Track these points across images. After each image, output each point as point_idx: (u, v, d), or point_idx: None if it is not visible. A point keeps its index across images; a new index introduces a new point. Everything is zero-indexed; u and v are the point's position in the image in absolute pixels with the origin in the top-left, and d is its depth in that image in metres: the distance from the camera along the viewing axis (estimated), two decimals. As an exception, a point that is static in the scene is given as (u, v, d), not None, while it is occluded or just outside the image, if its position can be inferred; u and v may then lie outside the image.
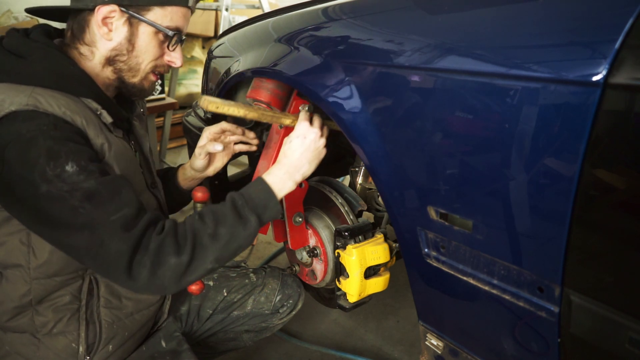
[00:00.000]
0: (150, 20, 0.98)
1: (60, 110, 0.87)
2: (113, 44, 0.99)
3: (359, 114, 0.96)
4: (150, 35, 1.00)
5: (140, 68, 1.03)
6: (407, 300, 2.00)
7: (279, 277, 1.43)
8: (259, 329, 1.42)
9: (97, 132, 0.92)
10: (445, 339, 0.98)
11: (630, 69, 0.57)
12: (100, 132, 0.93)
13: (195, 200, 1.17)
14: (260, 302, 1.38)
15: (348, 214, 1.24)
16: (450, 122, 0.79)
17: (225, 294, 1.35)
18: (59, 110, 0.87)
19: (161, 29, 1.00)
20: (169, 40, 1.03)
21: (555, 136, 0.65)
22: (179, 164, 1.44)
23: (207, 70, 1.64)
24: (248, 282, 1.40)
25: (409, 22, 0.91)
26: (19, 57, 0.91)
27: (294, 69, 1.11)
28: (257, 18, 1.47)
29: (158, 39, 1.02)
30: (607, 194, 0.64)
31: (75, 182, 0.83)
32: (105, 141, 0.94)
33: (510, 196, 0.73)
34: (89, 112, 0.94)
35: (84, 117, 0.90)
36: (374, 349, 1.73)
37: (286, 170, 1.06)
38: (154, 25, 0.99)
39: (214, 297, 1.34)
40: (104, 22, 0.96)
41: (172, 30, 1.01)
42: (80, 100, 0.94)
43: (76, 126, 0.89)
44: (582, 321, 0.69)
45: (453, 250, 0.86)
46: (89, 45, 0.99)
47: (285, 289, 1.41)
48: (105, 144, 0.94)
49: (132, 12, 0.97)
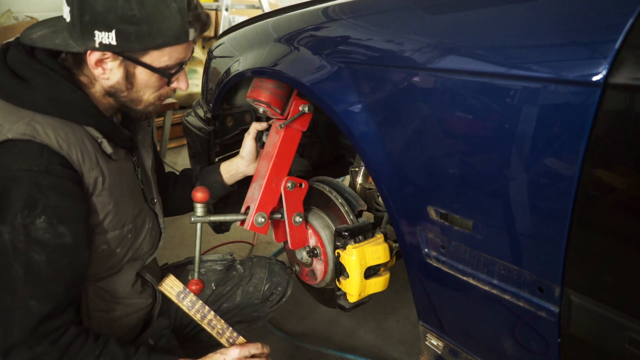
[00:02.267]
0: (147, 63, 0.94)
1: (56, 144, 0.87)
2: (110, 83, 0.96)
3: (359, 114, 0.96)
4: (149, 74, 0.96)
5: (142, 100, 1.01)
6: (407, 300, 1.99)
7: (265, 266, 1.43)
8: (251, 319, 1.42)
9: (92, 165, 0.93)
10: (445, 339, 0.98)
11: (630, 69, 0.56)
12: (95, 165, 0.93)
13: (195, 200, 1.17)
14: (249, 292, 1.38)
15: (348, 214, 1.24)
16: (451, 122, 0.79)
17: (214, 287, 1.36)
18: (55, 144, 0.86)
19: (158, 71, 0.96)
20: (169, 78, 1.00)
21: (556, 136, 0.65)
22: (179, 164, 1.44)
23: (207, 70, 1.64)
24: (235, 274, 1.40)
25: (409, 22, 0.91)
26: (21, 80, 0.89)
27: (294, 69, 1.11)
28: (257, 18, 1.47)
29: (158, 75, 0.98)
30: (607, 194, 0.64)
31: (34, 239, 0.84)
32: (99, 174, 0.94)
33: (511, 196, 0.73)
34: (89, 142, 0.93)
35: (80, 150, 0.90)
36: (374, 349, 1.73)
37: None
38: (150, 68, 0.95)
39: (202, 292, 1.32)
40: (98, 64, 0.92)
41: (172, 67, 0.98)
42: (81, 127, 0.93)
43: (69, 164, 0.89)
44: (582, 321, 0.69)
45: (453, 250, 0.86)
46: (87, 76, 0.97)
47: (273, 277, 1.41)
48: (100, 177, 0.94)
49: (125, 55, 0.92)
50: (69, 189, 0.89)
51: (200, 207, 1.19)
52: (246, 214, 1.26)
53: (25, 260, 0.84)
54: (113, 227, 1.01)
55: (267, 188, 1.24)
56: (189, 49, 1.00)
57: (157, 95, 1.03)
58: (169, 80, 1.01)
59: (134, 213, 1.07)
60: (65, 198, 0.88)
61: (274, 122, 1.29)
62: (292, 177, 1.25)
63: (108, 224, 0.99)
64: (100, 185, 0.95)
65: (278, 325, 1.83)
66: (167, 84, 1.02)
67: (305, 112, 1.21)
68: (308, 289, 1.55)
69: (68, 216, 0.89)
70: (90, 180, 0.93)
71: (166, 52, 0.94)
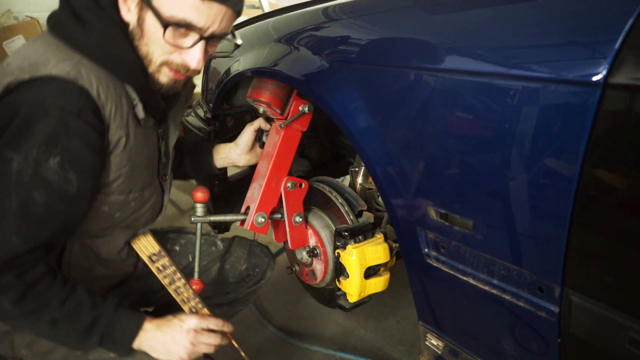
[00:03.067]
0: (155, 7, 0.87)
1: (96, 92, 0.86)
2: (131, 26, 0.92)
3: (359, 114, 0.96)
4: (156, 24, 0.89)
5: (151, 59, 0.94)
6: (407, 300, 1.99)
7: (246, 246, 1.41)
8: (228, 301, 1.37)
9: (121, 124, 0.91)
10: (445, 339, 0.98)
11: (630, 69, 0.57)
12: (124, 125, 0.92)
13: (195, 200, 1.17)
14: (225, 269, 1.35)
15: (348, 214, 1.24)
16: (451, 122, 0.79)
17: (191, 259, 1.32)
18: (95, 92, 0.85)
19: (158, 16, 0.88)
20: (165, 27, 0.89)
21: (556, 136, 0.65)
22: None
23: (207, 70, 1.64)
24: (215, 249, 1.37)
25: (409, 22, 0.91)
26: (79, 20, 0.88)
27: (294, 69, 1.11)
28: (257, 18, 1.47)
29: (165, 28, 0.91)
30: (607, 194, 0.64)
31: (41, 178, 0.83)
32: (124, 135, 0.93)
33: (511, 196, 0.73)
34: (125, 100, 0.92)
35: (115, 105, 0.89)
36: (374, 349, 1.73)
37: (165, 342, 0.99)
38: (155, 13, 0.88)
39: (179, 262, 1.30)
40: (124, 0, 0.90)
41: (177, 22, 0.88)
42: (122, 85, 0.91)
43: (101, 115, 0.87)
44: (582, 321, 0.69)
45: (453, 250, 0.86)
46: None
47: (252, 258, 1.38)
48: (124, 138, 0.93)
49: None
50: (93, 140, 0.88)
51: (200, 207, 1.19)
52: (246, 214, 1.26)
53: (24, 194, 0.83)
54: (120, 191, 0.99)
55: (267, 188, 1.24)
56: (203, 13, 0.88)
57: (164, 60, 0.94)
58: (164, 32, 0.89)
59: (144, 183, 1.06)
60: (85, 147, 0.86)
61: (274, 122, 1.29)
62: (292, 177, 1.25)
63: (116, 187, 0.98)
64: (122, 146, 0.93)
65: (278, 325, 1.83)
66: (179, 48, 0.93)
67: (305, 112, 1.21)
68: (308, 289, 1.55)
69: (82, 166, 0.88)
70: (114, 137, 0.91)
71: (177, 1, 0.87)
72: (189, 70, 0.97)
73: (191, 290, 1.12)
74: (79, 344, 0.94)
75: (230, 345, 1.12)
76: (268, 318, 1.87)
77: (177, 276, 1.12)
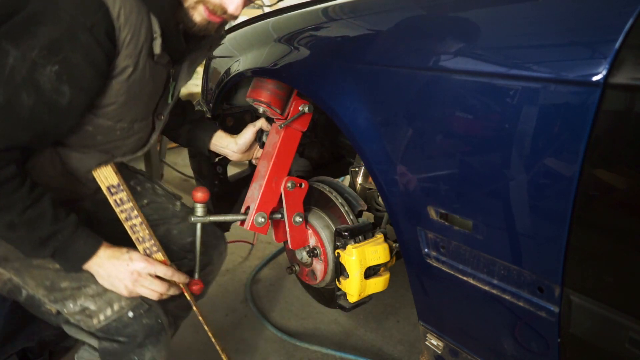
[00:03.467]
0: None
1: (116, 13, 0.82)
2: None
3: (359, 114, 0.96)
4: None
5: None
6: (407, 300, 1.99)
7: None
8: None
9: (132, 53, 0.88)
10: (445, 339, 0.98)
11: (630, 69, 0.57)
12: (136, 54, 0.89)
13: (195, 200, 1.17)
14: (171, 234, 1.28)
15: (348, 214, 1.24)
16: (450, 122, 0.79)
17: (145, 204, 1.28)
18: (115, 12, 0.82)
19: None
20: None
21: (556, 136, 0.65)
22: (179, 164, 1.44)
23: (207, 70, 1.64)
24: (171, 208, 1.32)
25: (409, 22, 0.91)
26: None
27: (294, 69, 1.11)
28: (257, 18, 1.47)
29: None
30: (607, 194, 0.64)
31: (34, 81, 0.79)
32: (132, 65, 0.90)
33: (511, 196, 0.73)
34: (145, 30, 0.88)
35: (132, 32, 0.86)
36: (374, 349, 1.73)
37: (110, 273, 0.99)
38: None
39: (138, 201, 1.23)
40: None
41: None
42: (148, 14, 0.88)
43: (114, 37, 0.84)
44: (582, 321, 0.69)
45: (453, 250, 0.86)
46: None
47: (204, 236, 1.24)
48: (130, 67, 0.90)
49: None
50: (97, 59, 0.84)
51: (200, 207, 1.19)
52: (246, 214, 1.26)
53: (12, 92, 0.79)
54: (109, 117, 0.96)
55: (267, 188, 1.24)
56: None
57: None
58: None
59: (136, 117, 1.03)
60: (88, 64, 0.83)
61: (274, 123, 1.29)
62: (292, 177, 1.25)
63: (107, 112, 0.95)
64: (126, 75, 0.90)
65: (278, 325, 1.83)
66: None
67: (305, 112, 1.21)
68: (308, 289, 1.55)
69: (79, 81, 0.84)
70: (121, 64, 0.88)
71: None
72: (225, 12, 0.94)
73: (147, 231, 1.07)
74: (30, 252, 0.93)
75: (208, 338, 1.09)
76: (268, 318, 1.87)
77: (134, 213, 1.06)
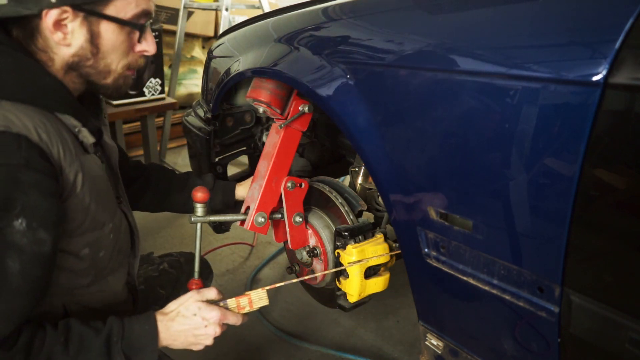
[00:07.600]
0: (112, 15, 0.83)
1: (36, 135, 0.76)
2: (73, 50, 0.84)
3: (359, 114, 0.96)
4: (116, 31, 0.85)
5: (110, 69, 0.89)
6: (407, 300, 1.99)
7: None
8: None
9: (72, 159, 0.82)
10: (445, 339, 0.98)
11: (630, 69, 0.56)
12: (75, 158, 0.83)
13: (195, 200, 1.17)
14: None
15: (348, 214, 1.24)
16: (450, 122, 0.79)
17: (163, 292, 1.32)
18: (34, 135, 0.76)
19: (127, 23, 0.84)
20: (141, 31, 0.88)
21: (555, 136, 0.65)
22: (179, 164, 1.44)
23: (207, 70, 1.64)
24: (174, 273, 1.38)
25: (409, 22, 0.91)
26: None
27: (294, 69, 1.11)
28: (257, 18, 1.47)
29: (126, 32, 0.87)
30: (607, 194, 0.64)
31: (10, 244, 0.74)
32: (79, 169, 0.84)
33: (511, 196, 0.73)
34: (65, 132, 0.83)
35: (60, 141, 0.80)
36: (374, 349, 1.73)
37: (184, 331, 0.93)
38: (117, 20, 0.83)
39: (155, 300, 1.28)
40: (57, 26, 0.80)
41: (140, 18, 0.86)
42: (54, 116, 0.82)
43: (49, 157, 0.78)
44: (582, 321, 0.69)
45: (453, 250, 0.86)
46: (44, 51, 0.84)
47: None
48: (80, 173, 0.84)
49: (87, 9, 0.80)
50: (51, 187, 0.78)
51: (200, 207, 1.19)
52: (246, 214, 1.26)
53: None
54: (93, 227, 0.91)
55: (267, 188, 1.24)
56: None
57: (126, 64, 0.90)
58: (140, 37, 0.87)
59: (112, 210, 0.97)
60: (46, 198, 0.77)
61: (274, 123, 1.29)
62: (292, 177, 1.25)
63: (88, 225, 0.90)
64: (80, 182, 0.84)
65: (278, 325, 1.83)
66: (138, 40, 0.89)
67: (305, 112, 1.21)
68: (308, 289, 1.55)
69: (49, 219, 0.78)
70: (71, 176, 0.82)
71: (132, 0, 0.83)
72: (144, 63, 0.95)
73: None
74: None
75: None
76: (268, 318, 1.87)
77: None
